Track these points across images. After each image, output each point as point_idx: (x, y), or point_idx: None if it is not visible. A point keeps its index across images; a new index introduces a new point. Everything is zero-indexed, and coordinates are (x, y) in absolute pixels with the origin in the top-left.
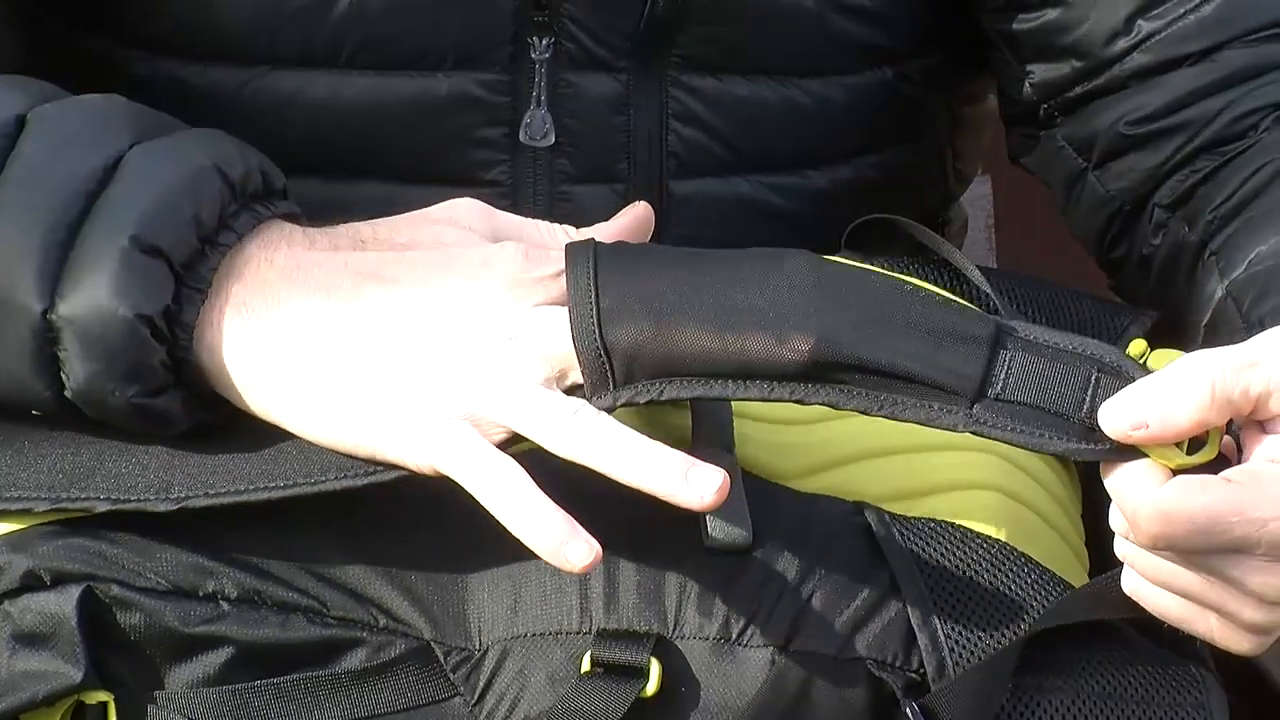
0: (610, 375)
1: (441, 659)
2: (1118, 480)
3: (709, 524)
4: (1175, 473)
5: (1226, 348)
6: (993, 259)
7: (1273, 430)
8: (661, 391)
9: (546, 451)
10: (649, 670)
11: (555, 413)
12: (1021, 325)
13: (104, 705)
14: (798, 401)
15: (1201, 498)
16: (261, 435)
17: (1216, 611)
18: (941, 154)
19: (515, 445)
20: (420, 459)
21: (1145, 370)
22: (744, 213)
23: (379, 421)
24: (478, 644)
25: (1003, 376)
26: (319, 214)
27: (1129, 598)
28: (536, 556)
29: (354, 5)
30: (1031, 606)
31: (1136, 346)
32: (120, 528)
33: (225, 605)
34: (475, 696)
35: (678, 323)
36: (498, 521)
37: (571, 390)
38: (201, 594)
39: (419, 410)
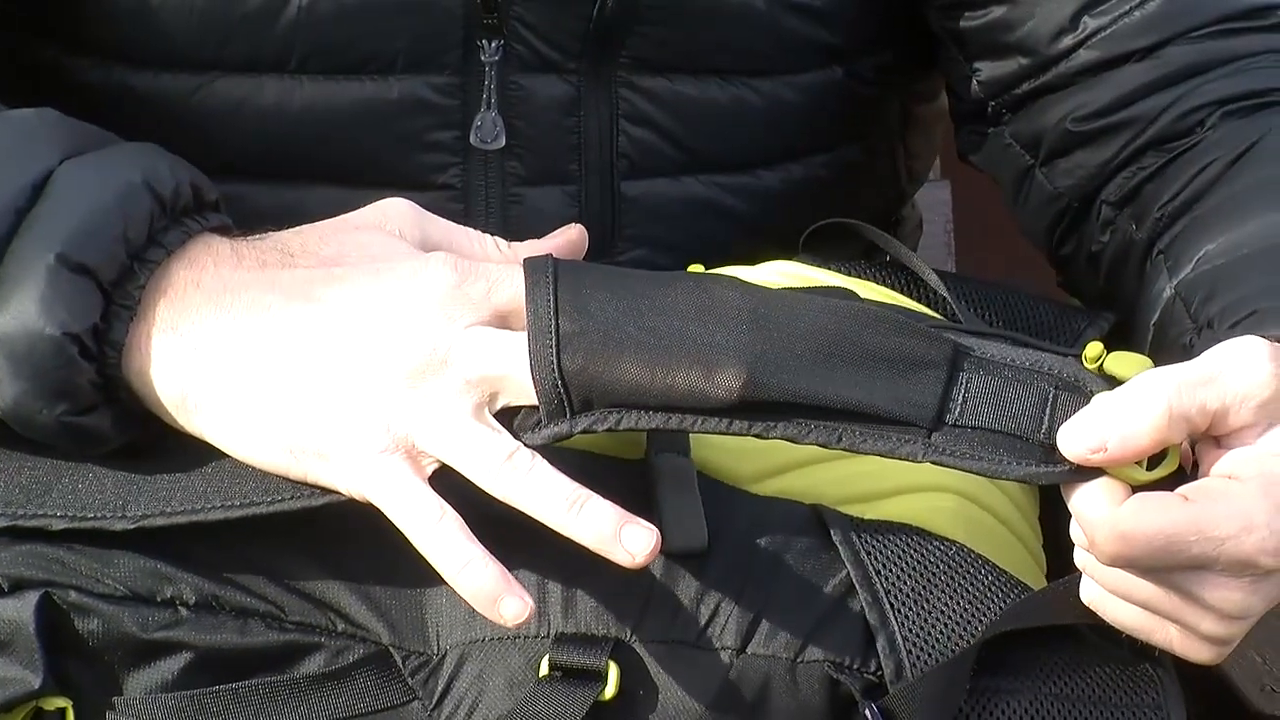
0: (567, 404)
1: (400, 664)
2: (1077, 499)
3: (665, 530)
4: (1135, 489)
5: (1182, 365)
6: (952, 263)
7: (1228, 445)
8: (619, 421)
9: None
10: (607, 674)
11: (490, 454)
12: (977, 342)
13: (62, 711)
14: (758, 436)
15: (1159, 517)
16: (208, 453)
17: (1176, 623)
18: (893, 152)
19: None
20: (351, 489)
21: (1103, 381)
22: (696, 212)
23: (310, 448)
24: (436, 648)
25: (960, 400)
26: (272, 219)
27: (1087, 606)
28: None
29: (303, 10)
30: (989, 608)
31: (1094, 349)
32: (78, 535)
33: (183, 611)
34: (434, 701)
35: (638, 356)
36: None
37: (504, 413)
38: (159, 600)
39: (350, 439)
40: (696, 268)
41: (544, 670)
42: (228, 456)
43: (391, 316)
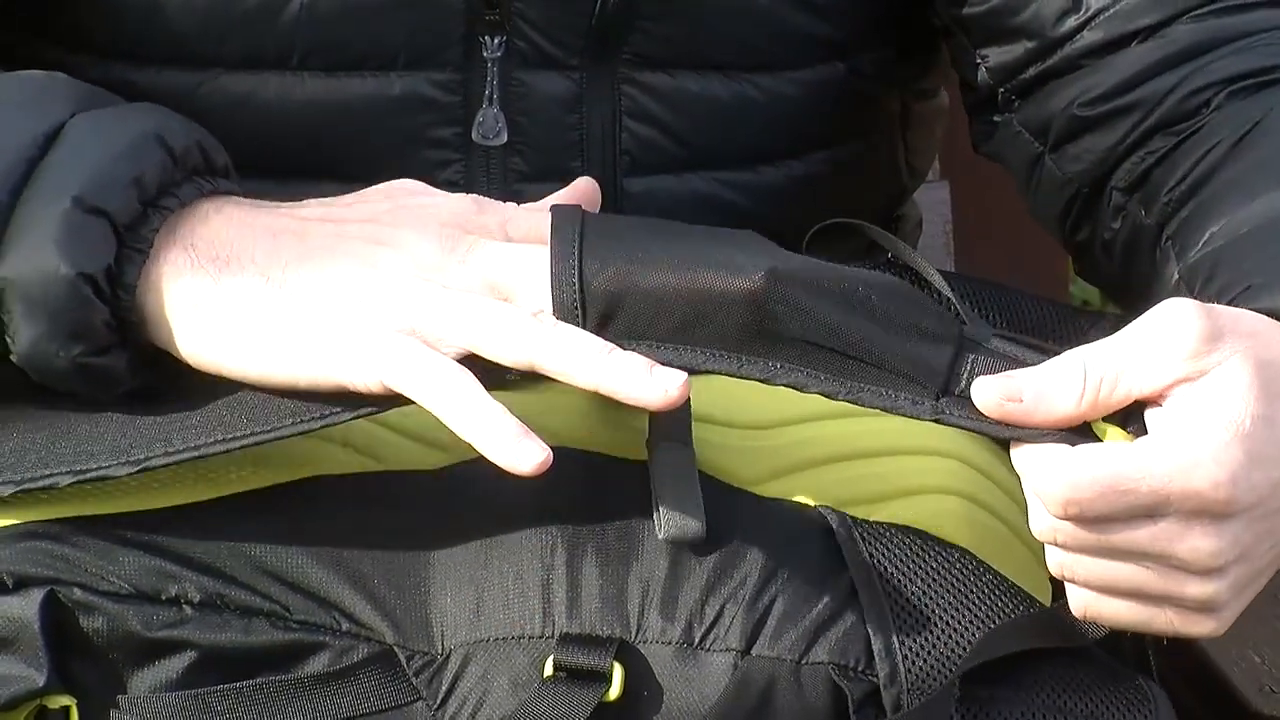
0: (582, 317)
1: (404, 663)
2: (1024, 456)
3: (662, 517)
4: None
5: (1098, 344)
6: (950, 263)
7: (1160, 402)
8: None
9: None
10: (611, 675)
11: (512, 316)
12: (984, 336)
13: (66, 710)
14: (764, 380)
15: (1104, 461)
16: (214, 392)
17: (1165, 600)
18: (894, 150)
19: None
20: (366, 374)
21: None
22: (698, 209)
23: (321, 342)
24: (440, 648)
25: (965, 376)
26: None
27: (1066, 628)
28: (500, 563)
29: (305, 7)
30: (988, 616)
31: None
32: (83, 531)
33: (188, 609)
34: (438, 701)
35: (660, 270)
36: (460, 523)
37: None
38: (164, 598)
39: (363, 326)
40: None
41: (548, 671)
42: (235, 393)
43: (410, 226)
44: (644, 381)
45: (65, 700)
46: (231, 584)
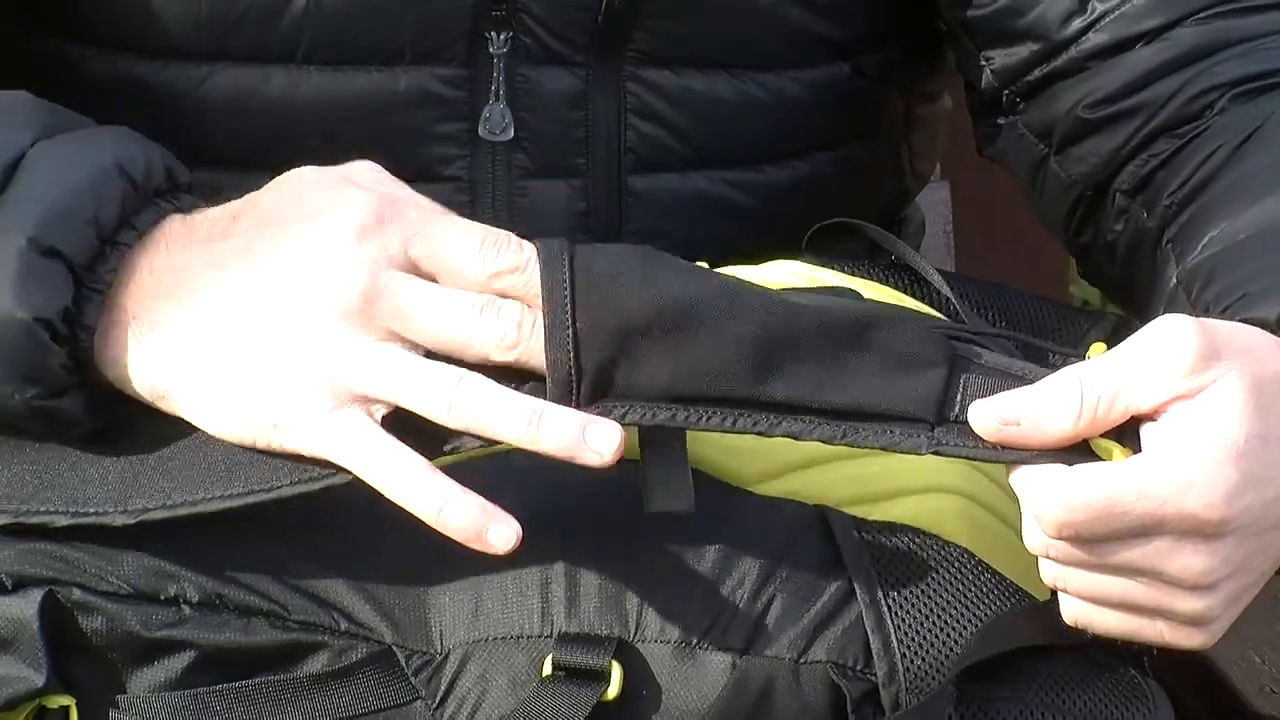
0: (576, 393)
1: (403, 663)
2: (1021, 476)
3: (650, 489)
4: None
5: (1094, 362)
6: (951, 264)
7: (1163, 415)
8: (624, 415)
9: (507, 450)
10: (610, 674)
11: (441, 383)
12: (975, 350)
13: (66, 709)
14: (760, 434)
15: (1099, 481)
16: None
17: (1156, 613)
18: (897, 152)
19: (464, 449)
20: (314, 452)
21: None
22: (702, 208)
23: (265, 421)
24: (439, 648)
25: (959, 399)
26: None
27: (1061, 623)
28: (498, 562)
29: (312, 2)
30: (987, 615)
31: (1096, 350)
32: (82, 532)
33: (187, 609)
34: (437, 700)
35: (653, 345)
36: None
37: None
38: (163, 598)
39: (298, 404)
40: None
41: (547, 670)
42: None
43: (313, 267)
44: (577, 446)
45: (64, 700)
46: (230, 584)
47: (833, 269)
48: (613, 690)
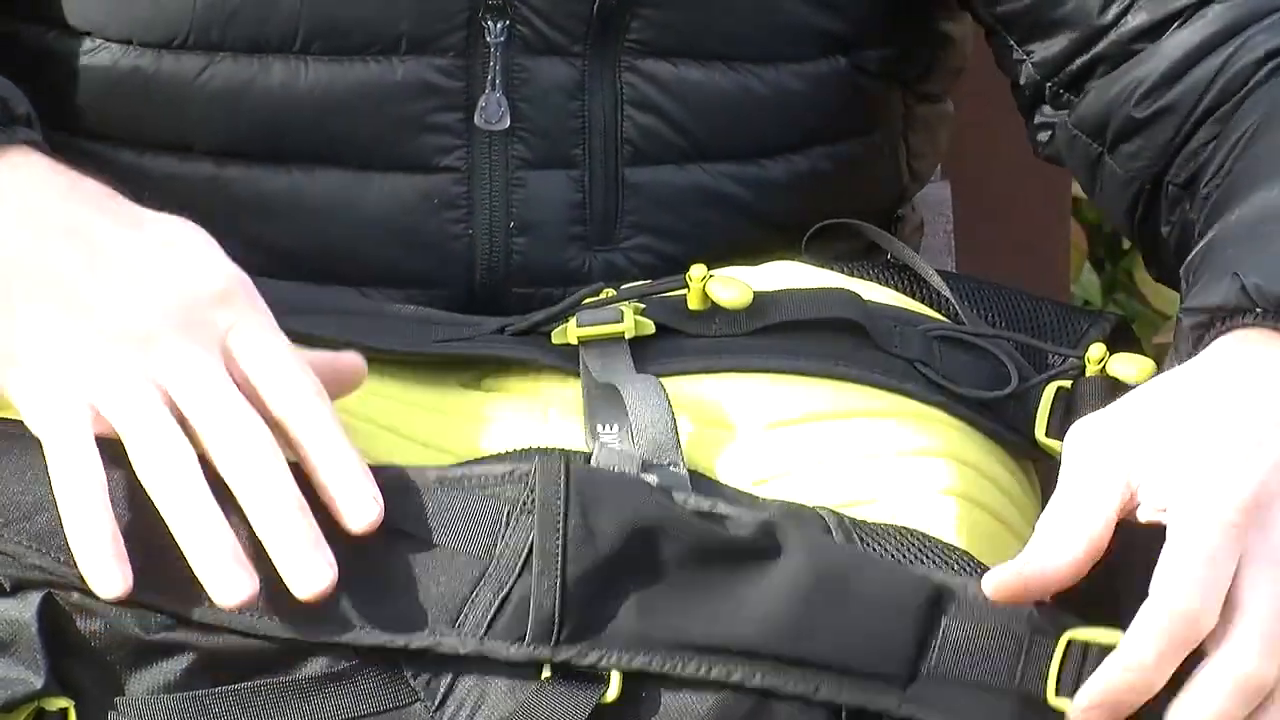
0: (556, 632)
1: (402, 665)
2: None
3: (636, 432)
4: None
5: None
6: (952, 264)
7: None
8: (600, 659)
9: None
10: (610, 676)
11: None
12: (959, 580)
13: (64, 712)
14: (735, 688)
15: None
16: None
17: None
18: (895, 150)
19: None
20: (31, 424)
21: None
22: (699, 201)
23: (14, 373)
24: None
25: (936, 650)
26: (276, 202)
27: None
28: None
29: None
30: None
31: (1097, 350)
32: None
33: None
34: (436, 703)
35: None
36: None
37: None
38: None
39: (45, 379)
40: (699, 268)
41: (546, 672)
42: None
43: (165, 318)
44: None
45: (63, 702)
46: None
47: (830, 269)
48: (612, 693)
